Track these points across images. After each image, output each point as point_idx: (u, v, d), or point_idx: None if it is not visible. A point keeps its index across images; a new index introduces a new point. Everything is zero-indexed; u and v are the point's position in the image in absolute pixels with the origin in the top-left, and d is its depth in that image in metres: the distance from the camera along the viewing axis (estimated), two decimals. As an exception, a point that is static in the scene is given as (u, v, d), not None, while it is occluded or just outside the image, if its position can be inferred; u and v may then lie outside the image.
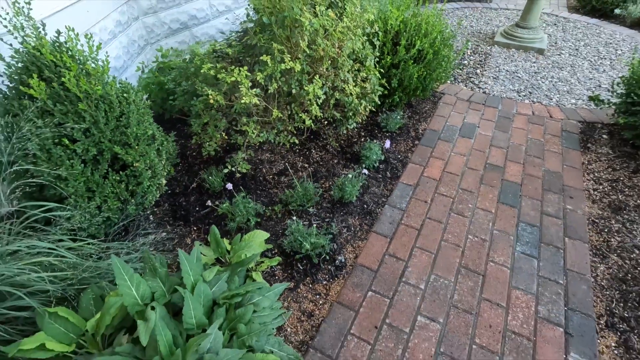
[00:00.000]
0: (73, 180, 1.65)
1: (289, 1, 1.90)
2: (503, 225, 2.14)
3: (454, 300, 1.76)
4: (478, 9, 5.81)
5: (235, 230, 2.04)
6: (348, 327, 1.65)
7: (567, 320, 1.69)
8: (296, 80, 2.03)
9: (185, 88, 2.36)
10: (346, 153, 2.65)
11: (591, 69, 4.00)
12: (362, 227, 2.13)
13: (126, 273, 1.41)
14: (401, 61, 2.72)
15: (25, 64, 1.56)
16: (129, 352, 1.32)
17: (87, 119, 1.63)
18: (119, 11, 2.81)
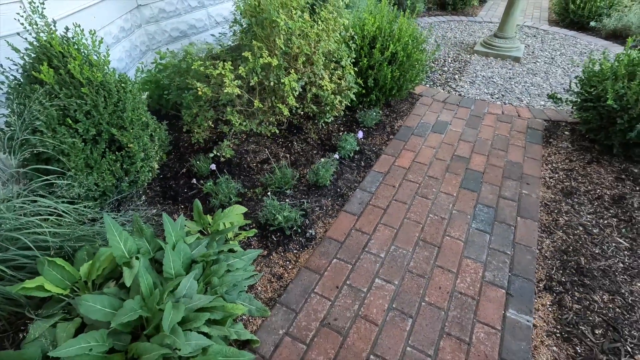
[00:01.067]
0: (74, 156, 1.89)
1: (267, 5, 2.18)
2: (462, 207, 2.35)
3: (409, 267, 1.96)
4: (463, 22, 6.14)
5: (218, 207, 2.26)
6: (312, 287, 1.85)
7: (510, 284, 1.88)
8: (275, 75, 2.29)
9: (178, 83, 2.63)
10: (325, 145, 2.89)
11: (564, 75, 4.26)
12: (333, 207, 2.35)
13: (116, 229, 1.63)
14: (376, 63, 2.99)
15: (38, 54, 1.83)
16: (115, 294, 1.53)
17: (88, 102, 1.89)
18: (123, 19, 3.12)
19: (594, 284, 1.88)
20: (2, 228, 1.50)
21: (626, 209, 2.32)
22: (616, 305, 1.78)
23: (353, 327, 1.67)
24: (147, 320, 1.45)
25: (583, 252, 2.04)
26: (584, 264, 1.98)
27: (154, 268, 1.70)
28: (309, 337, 1.63)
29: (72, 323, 1.45)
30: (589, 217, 2.27)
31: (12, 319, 1.65)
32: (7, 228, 1.52)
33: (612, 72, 2.60)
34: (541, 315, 1.74)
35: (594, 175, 2.61)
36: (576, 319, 1.72)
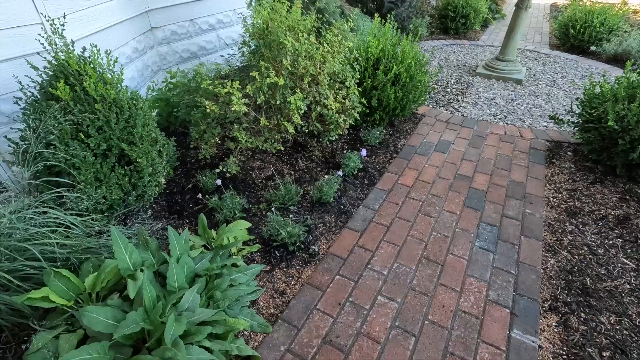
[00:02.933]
0: (85, 169, 1.95)
1: (275, 28, 2.28)
2: (466, 225, 2.35)
3: (412, 285, 1.95)
4: (465, 46, 6.30)
5: (222, 222, 2.29)
6: (315, 303, 1.85)
7: (514, 303, 1.86)
8: (281, 94, 2.37)
9: (187, 102, 2.72)
10: (329, 163, 2.93)
11: (565, 97, 4.32)
12: (337, 224, 2.36)
13: (122, 242, 1.66)
14: (380, 84, 3.07)
15: (55, 72, 1.92)
16: (119, 306, 1.54)
17: (100, 118, 1.96)
18: (136, 40, 3.25)
19: (600, 305, 1.85)
20: (12, 238, 1.53)
21: (631, 230, 2.30)
22: (623, 327, 1.74)
23: (355, 345, 1.66)
24: (149, 333, 1.45)
25: (588, 273, 2.02)
26: (590, 284, 1.95)
27: (158, 281, 1.72)
28: (310, 355, 1.62)
29: (75, 335, 1.45)
30: (593, 238, 2.26)
31: (16, 330, 1.65)
32: (17, 238, 1.55)
33: (612, 94, 2.64)
34: (547, 336, 1.71)
35: (597, 195, 2.61)
36: (583, 340, 1.69)
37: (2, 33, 2.04)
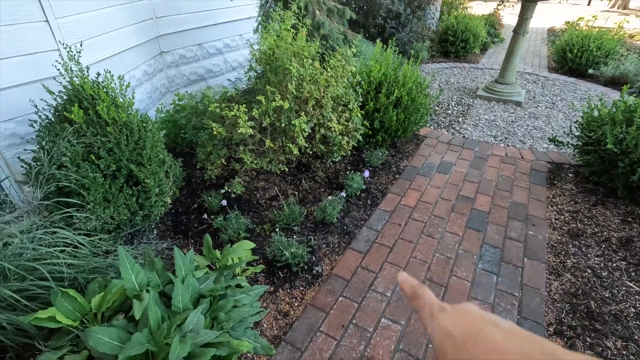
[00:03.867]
0: (94, 190, 1.99)
1: (281, 54, 2.37)
2: (468, 247, 2.36)
3: (416, 307, 1.94)
4: (466, 69, 6.44)
5: (227, 242, 2.31)
6: (318, 325, 1.84)
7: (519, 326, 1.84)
8: (286, 117, 2.43)
9: (194, 123, 2.79)
10: (332, 183, 2.97)
11: (565, 119, 4.39)
12: (340, 244, 2.37)
13: (129, 262, 1.68)
14: (382, 106, 3.15)
15: (70, 96, 2.00)
16: (124, 327, 1.55)
17: (111, 140, 2.02)
18: (146, 64, 3.37)
19: (605, 329, 1.83)
20: (22, 258, 1.56)
21: (634, 252, 2.30)
22: (630, 352, 1.73)
23: (359, 369, 1.65)
24: (154, 354, 1.46)
25: (593, 296, 2.02)
26: (595, 307, 1.95)
27: (163, 301, 1.73)
28: (313, 378, 1.61)
29: (80, 355, 1.46)
30: (597, 260, 2.26)
31: (20, 350, 1.66)
32: (26, 258, 1.58)
33: (610, 118, 2.70)
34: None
35: (599, 217, 2.62)
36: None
37: (21, 59, 2.13)
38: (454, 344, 0.31)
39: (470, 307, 0.34)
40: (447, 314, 0.34)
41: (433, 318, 0.35)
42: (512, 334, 0.29)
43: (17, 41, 2.10)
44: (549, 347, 0.26)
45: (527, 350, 0.26)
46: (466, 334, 0.30)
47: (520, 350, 0.26)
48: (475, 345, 0.29)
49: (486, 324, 0.30)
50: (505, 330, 0.29)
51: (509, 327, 0.30)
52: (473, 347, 0.29)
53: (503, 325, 0.30)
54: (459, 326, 0.31)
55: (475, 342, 0.29)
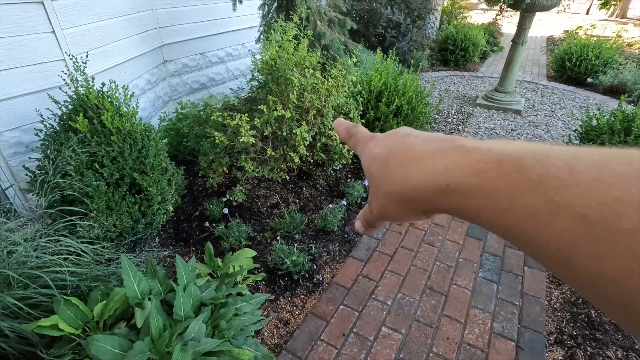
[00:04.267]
0: (97, 198, 2.02)
1: (282, 64, 2.41)
2: (468, 255, 2.37)
3: (416, 315, 1.95)
4: (465, 77, 6.50)
5: (228, 250, 2.32)
6: (319, 334, 1.85)
7: (520, 336, 1.85)
8: (287, 126, 2.46)
9: (197, 132, 2.82)
10: (333, 191, 2.99)
11: (564, 127, 4.42)
12: (341, 253, 2.38)
13: (131, 270, 1.69)
14: (382, 115, 3.18)
15: (75, 106, 2.03)
16: (125, 335, 1.55)
17: (115, 149, 2.05)
18: (150, 73, 3.42)
19: (606, 338, 1.84)
20: (26, 266, 1.58)
21: (635, 261, 2.31)
22: (631, 362, 1.73)
23: (359, 378, 1.65)
24: (155, 362, 1.46)
25: (593, 305, 2.01)
26: (595, 317, 1.95)
27: (164, 309, 1.74)
28: (314, 387, 1.61)
29: (82, 364, 1.47)
30: (597, 269, 2.26)
31: (22, 358, 1.66)
32: (30, 266, 1.59)
33: (608, 127, 2.72)
34: (553, 370, 1.70)
35: (599, 226, 2.63)
36: (590, 375, 1.67)
37: (27, 69, 2.17)
38: (377, 163, 0.31)
39: (399, 129, 0.33)
40: (376, 140, 0.34)
41: (365, 147, 0.35)
42: (433, 139, 0.28)
43: (24, 52, 2.14)
44: (458, 142, 0.26)
45: (439, 147, 0.27)
46: (388, 151, 0.30)
47: (432, 151, 0.27)
48: (395, 158, 0.29)
49: (409, 137, 0.30)
50: (425, 139, 0.29)
51: (431, 135, 0.29)
52: (393, 160, 0.29)
53: (425, 135, 0.30)
54: (384, 147, 0.31)
55: (395, 156, 0.29)
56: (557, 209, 0.18)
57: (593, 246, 0.17)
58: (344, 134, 0.40)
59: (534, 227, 0.19)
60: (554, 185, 0.19)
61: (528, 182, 0.20)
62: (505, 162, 0.21)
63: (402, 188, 0.28)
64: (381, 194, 0.30)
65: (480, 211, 0.22)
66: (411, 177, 0.27)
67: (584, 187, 0.18)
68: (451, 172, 0.24)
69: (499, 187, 0.21)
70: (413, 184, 0.27)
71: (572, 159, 0.19)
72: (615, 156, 0.18)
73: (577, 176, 0.18)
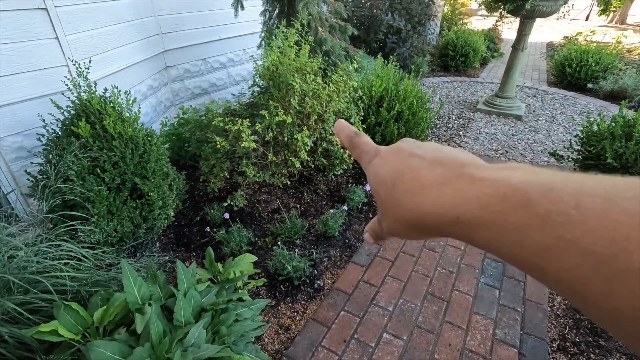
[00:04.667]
0: (99, 203, 2.02)
1: (284, 70, 2.42)
2: (470, 261, 2.36)
3: (418, 321, 1.94)
4: (466, 82, 6.52)
5: (229, 255, 2.32)
6: (320, 340, 1.84)
7: (522, 343, 1.83)
8: (289, 131, 2.47)
9: (198, 137, 2.83)
10: (334, 196, 2.99)
11: (565, 132, 4.42)
12: (341, 258, 2.38)
13: (132, 275, 1.69)
14: (383, 120, 3.19)
15: (77, 111, 2.04)
16: (125, 341, 1.55)
17: (117, 154, 2.06)
18: (152, 78, 3.44)
19: (609, 345, 1.82)
20: (26, 271, 1.57)
21: (637, 267, 2.30)
22: (635, 370, 1.71)
23: (361, 385, 1.63)
24: (155, 369, 1.45)
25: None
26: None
27: (165, 315, 1.73)
28: (315, 394, 1.59)
29: (81, 370, 1.46)
30: (599, 275, 2.25)
31: (21, 364, 1.65)
32: (30, 271, 1.59)
33: (609, 132, 2.72)
34: (556, 377, 1.68)
35: (601, 231, 2.62)
36: (594, 383, 1.65)
37: (31, 74, 2.19)
38: (385, 187, 0.30)
39: (402, 146, 0.32)
40: (380, 157, 0.33)
41: (369, 164, 0.34)
42: (438, 161, 0.28)
43: (27, 57, 2.15)
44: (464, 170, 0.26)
45: (446, 174, 0.26)
46: (395, 174, 0.30)
47: (438, 181, 0.26)
48: (403, 184, 0.29)
49: (413, 159, 0.30)
50: (430, 162, 0.28)
51: (433, 156, 0.29)
52: (401, 186, 0.29)
53: (430, 156, 0.29)
54: (390, 168, 0.31)
55: (403, 182, 0.29)
56: (567, 246, 0.18)
57: (605, 283, 0.17)
58: (346, 142, 0.39)
59: (545, 262, 0.19)
60: (561, 222, 0.19)
61: (536, 218, 0.20)
62: (511, 197, 0.21)
63: (412, 216, 0.28)
64: (391, 217, 0.30)
65: (491, 243, 0.23)
66: (420, 207, 0.27)
67: (592, 224, 0.18)
68: (459, 205, 0.24)
69: (508, 221, 0.21)
70: (422, 214, 0.27)
71: (578, 194, 0.19)
72: (621, 188, 0.18)
73: (584, 212, 0.18)
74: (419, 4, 6.23)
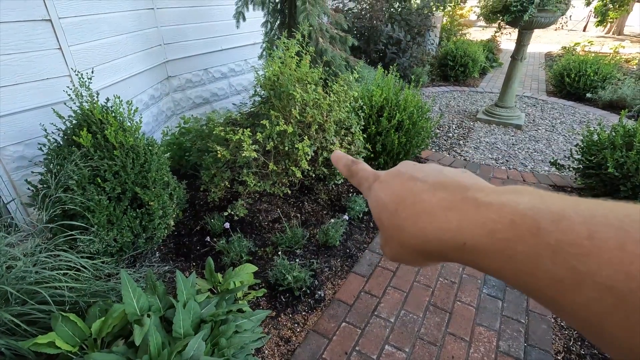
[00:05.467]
0: (99, 212, 2.01)
1: (285, 80, 2.44)
2: (472, 271, 2.34)
3: (420, 333, 1.91)
4: (465, 92, 6.56)
5: (229, 265, 2.30)
6: (320, 352, 1.81)
7: (526, 355, 1.80)
8: (289, 141, 2.48)
9: (199, 146, 2.84)
10: (335, 206, 2.98)
11: (565, 142, 4.43)
12: (342, 268, 2.36)
13: (131, 286, 1.67)
14: (384, 130, 3.20)
15: (79, 121, 2.05)
16: (123, 353, 1.52)
17: (118, 163, 2.06)
18: (153, 88, 3.46)
19: (615, 358, 1.79)
20: (24, 281, 1.56)
21: (641, 278, 2.27)
22: (642, 383, 1.67)
23: (362, 399, 1.60)
24: (153, 382, 1.43)
25: None
26: (603, 335, 1.90)
27: (164, 326, 1.71)
28: (316, 408, 1.56)
29: (78, 383, 1.43)
30: (603, 285, 2.23)
31: (17, 377, 1.62)
32: (29, 281, 1.58)
33: (610, 142, 2.73)
34: (562, 391, 1.65)
35: (604, 241, 2.60)
36: (600, 397, 1.62)
37: (33, 84, 2.20)
38: (387, 213, 0.30)
39: (401, 169, 0.32)
40: (380, 182, 0.33)
41: (369, 190, 0.33)
42: (440, 185, 0.27)
43: (30, 68, 2.17)
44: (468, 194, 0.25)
45: (449, 199, 0.25)
46: (397, 199, 0.29)
47: (442, 205, 0.26)
48: (405, 209, 0.28)
49: (414, 182, 0.29)
50: (432, 185, 0.28)
51: (435, 179, 0.28)
52: (403, 211, 0.28)
53: (431, 180, 0.28)
54: (390, 193, 0.30)
55: (405, 207, 0.28)
56: (582, 279, 0.18)
57: (625, 319, 0.16)
58: (344, 172, 0.38)
59: (559, 295, 0.19)
60: (574, 253, 0.18)
61: (547, 248, 0.19)
62: (520, 224, 0.21)
63: (416, 242, 0.27)
64: (396, 243, 0.29)
65: (500, 271, 0.22)
66: (424, 232, 0.26)
67: (607, 257, 0.17)
68: (465, 231, 0.23)
69: (516, 250, 0.20)
70: (427, 240, 0.26)
71: (590, 223, 0.18)
72: (635, 218, 0.18)
73: (598, 244, 0.17)
74: (418, 16, 6.31)
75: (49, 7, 2.17)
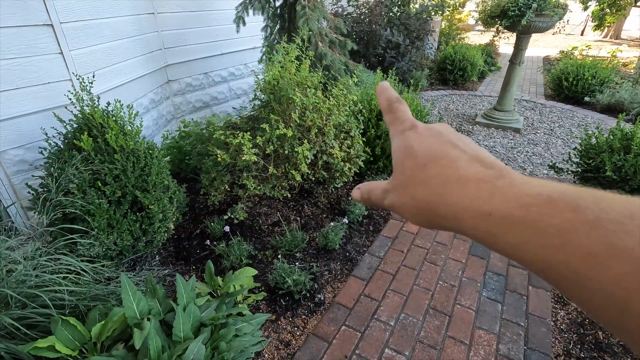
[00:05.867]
0: (99, 216, 2.01)
1: (285, 84, 2.45)
2: (472, 274, 2.35)
3: (420, 336, 1.91)
4: (464, 96, 6.59)
5: (229, 269, 2.30)
6: (320, 356, 1.81)
7: (526, 358, 1.80)
8: (289, 144, 2.49)
9: (199, 150, 2.85)
10: (335, 209, 2.99)
11: (564, 145, 4.45)
12: (342, 271, 2.36)
13: (131, 290, 1.68)
14: (383, 133, 3.21)
15: (80, 125, 2.06)
16: (123, 357, 1.52)
17: (118, 167, 2.06)
18: (154, 92, 3.48)
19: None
20: (25, 285, 1.56)
21: (640, 281, 2.28)
22: (642, 386, 1.68)
23: (362, 402, 1.60)
24: (153, 386, 1.43)
25: (600, 326, 1.98)
26: (602, 338, 1.91)
27: (163, 330, 1.71)
28: (316, 412, 1.56)
29: (78, 387, 1.43)
30: (602, 288, 2.23)
31: (17, 381, 1.62)
32: (29, 285, 1.58)
33: (608, 145, 2.74)
34: (562, 394, 1.65)
35: (603, 244, 2.61)
36: (600, 400, 1.62)
37: (34, 89, 2.21)
38: (414, 163, 0.29)
39: (443, 130, 0.31)
40: (417, 132, 0.32)
41: (402, 134, 0.33)
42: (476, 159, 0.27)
43: (32, 72, 2.18)
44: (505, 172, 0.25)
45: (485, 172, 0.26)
46: (429, 155, 0.29)
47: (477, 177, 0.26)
48: (436, 168, 0.28)
49: (453, 148, 0.29)
50: (470, 157, 0.27)
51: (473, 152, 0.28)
52: (432, 169, 0.28)
53: (470, 151, 0.28)
54: (426, 146, 0.30)
55: (436, 165, 0.28)
56: (617, 253, 0.18)
57: None
58: (385, 104, 0.37)
59: (587, 269, 0.19)
60: (613, 229, 0.18)
61: (584, 223, 0.19)
62: (558, 200, 0.21)
63: (438, 201, 0.27)
64: (408, 194, 0.29)
65: (521, 245, 0.22)
66: (450, 195, 0.26)
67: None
68: (496, 202, 0.23)
69: (550, 223, 0.21)
70: (451, 202, 0.26)
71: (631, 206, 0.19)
72: None
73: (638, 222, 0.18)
74: (417, 20, 6.35)
75: (51, 12, 2.19)
